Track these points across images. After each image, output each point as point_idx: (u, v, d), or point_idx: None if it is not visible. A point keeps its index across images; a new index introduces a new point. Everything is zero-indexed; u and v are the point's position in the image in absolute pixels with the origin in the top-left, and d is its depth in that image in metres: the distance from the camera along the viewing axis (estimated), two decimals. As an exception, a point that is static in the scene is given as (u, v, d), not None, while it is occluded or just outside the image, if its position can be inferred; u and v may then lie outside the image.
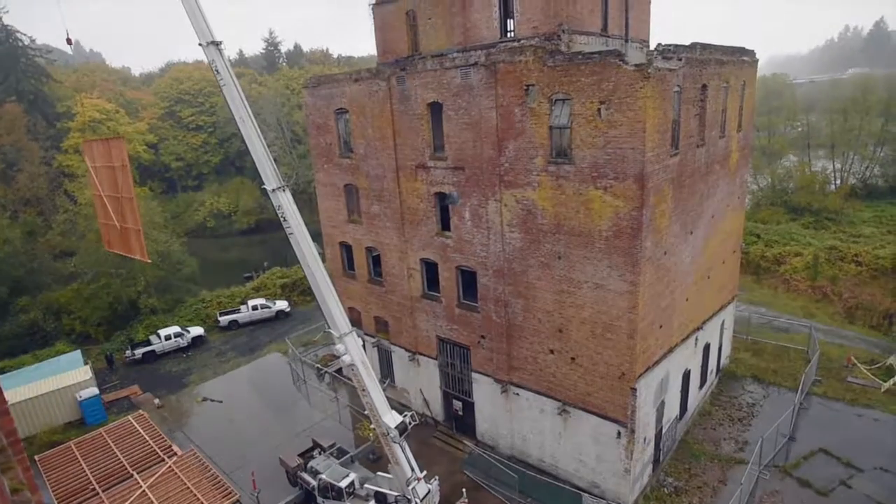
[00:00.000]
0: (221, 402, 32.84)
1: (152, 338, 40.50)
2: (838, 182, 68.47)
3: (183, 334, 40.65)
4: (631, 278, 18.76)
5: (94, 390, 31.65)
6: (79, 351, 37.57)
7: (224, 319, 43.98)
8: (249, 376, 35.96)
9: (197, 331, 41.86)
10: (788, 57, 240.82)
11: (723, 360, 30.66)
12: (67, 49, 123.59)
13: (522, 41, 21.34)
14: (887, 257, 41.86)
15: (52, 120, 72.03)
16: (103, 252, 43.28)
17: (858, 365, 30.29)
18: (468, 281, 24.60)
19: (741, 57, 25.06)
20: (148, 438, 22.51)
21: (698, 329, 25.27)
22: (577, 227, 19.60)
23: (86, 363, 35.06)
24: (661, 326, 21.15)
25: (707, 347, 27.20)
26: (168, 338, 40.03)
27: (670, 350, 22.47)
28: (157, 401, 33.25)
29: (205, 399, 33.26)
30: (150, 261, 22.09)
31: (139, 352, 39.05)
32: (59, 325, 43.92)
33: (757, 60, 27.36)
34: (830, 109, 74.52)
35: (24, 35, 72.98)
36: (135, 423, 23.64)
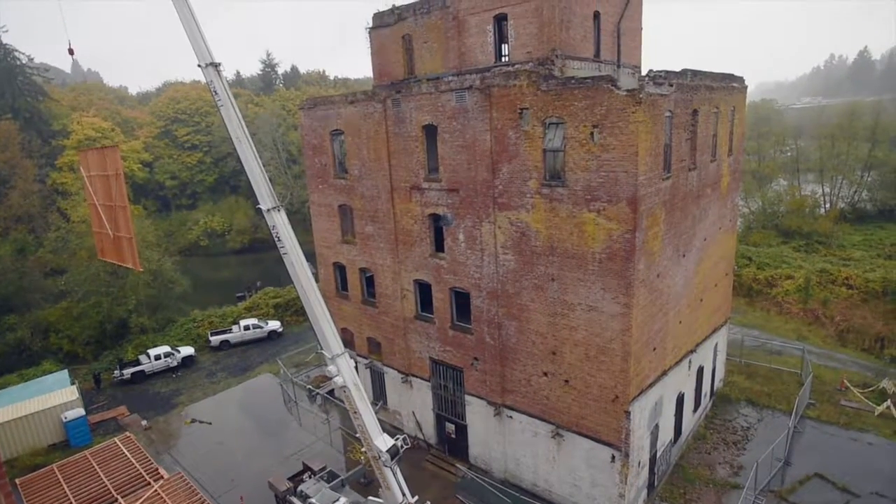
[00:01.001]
0: (210, 423, 32.30)
1: (142, 357, 39.96)
2: (828, 206, 69.41)
3: (173, 354, 40.16)
4: (624, 301, 18.79)
5: (80, 411, 31.06)
6: (66, 370, 36.97)
7: (215, 339, 43.51)
8: (240, 397, 35.46)
9: (187, 351, 41.38)
10: (777, 83, 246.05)
11: (716, 383, 30.58)
12: (66, 68, 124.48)
13: (517, 66, 21.72)
14: (877, 280, 42.19)
15: (48, 137, 72.17)
16: (94, 270, 43.20)
17: (852, 388, 30.29)
18: (462, 302, 24.55)
19: (731, 83, 25.55)
20: (134, 461, 22.04)
21: (692, 352, 25.25)
22: (570, 250, 19.68)
23: (72, 383, 34.48)
24: (654, 349, 21.13)
25: (701, 370, 27.14)
26: (158, 357, 39.51)
27: (664, 373, 22.41)
28: (144, 422, 32.66)
29: (193, 420, 32.71)
30: (141, 269, 22.17)
31: (128, 372, 38.48)
32: (46, 344, 43.29)
33: (746, 87, 27.90)
34: (819, 135, 75.95)
35: (23, 54, 73.65)
36: (121, 446, 23.18)
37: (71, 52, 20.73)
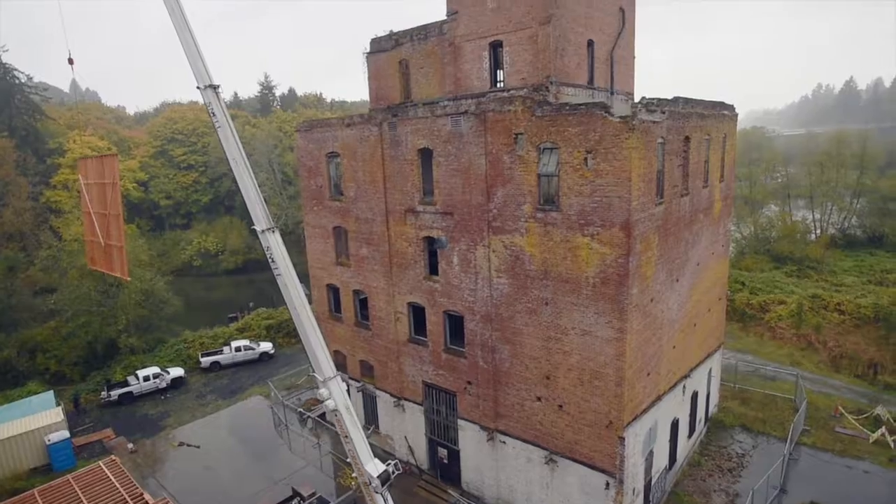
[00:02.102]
0: (199, 447, 31.68)
1: (130, 379, 39.35)
2: (818, 232, 70.15)
3: (162, 375, 39.58)
4: (618, 325, 18.78)
5: (65, 433, 30.42)
6: (51, 392, 36.31)
7: (206, 360, 42.98)
8: (229, 420, 34.88)
9: (177, 372, 40.81)
10: (766, 111, 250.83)
11: (711, 409, 30.40)
12: (65, 87, 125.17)
13: (512, 91, 22.05)
14: (869, 306, 42.43)
15: (43, 156, 72.23)
16: (85, 289, 42.82)
17: (846, 415, 30.19)
18: (455, 326, 24.44)
19: (721, 111, 26.01)
20: (118, 486, 21.51)
21: (686, 377, 25.17)
22: (564, 274, 19.72)
23: (58, 404, 33.85)
24: (648, 374, 21.04)
25: (695, 396, 27.01)
26: (147, 379, 38.92)
27: (658, 398, 22.28)
28: (130, 445, 32.00)
29: (181, 444, 32.08)
30: (129, 279, 22.29)
31: (115, 393, 37.83)
32: (32, 364, 42.62)
33: (736, 114, 28.39)
34: (808, 162, 77.21)
35: (22, 73, 74.12)
36: (105, 470, 22.63)
37: (70, 61, 20.81)
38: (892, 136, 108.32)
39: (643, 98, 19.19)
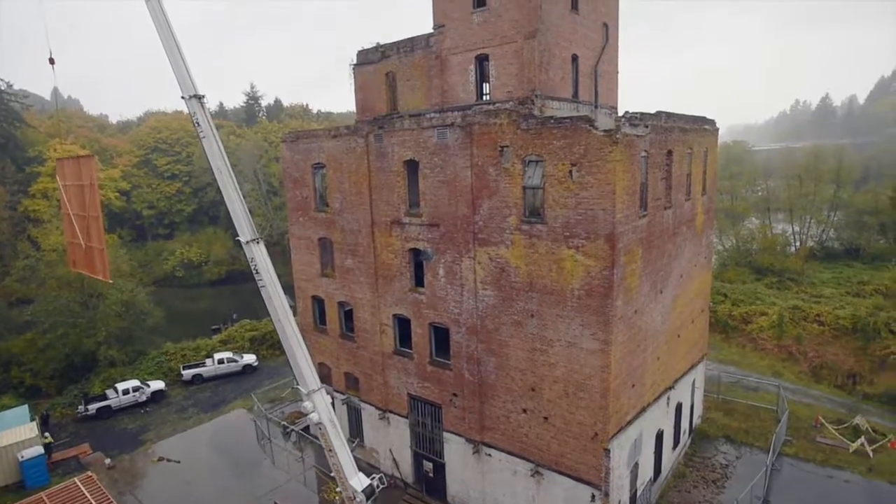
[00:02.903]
0: (179, 462, 31.04)
1: (109, 392, 38.53)
2: (798, 244, 71.48)
3: (142, 388, 38.84)
4: (603, 337, 18.87)
5: (39, 449, 29.60)
6: (26, 406, 35.37)
7: (187, 373, 42.27)
8: (211, 434, 34.25)
9: (157, 385, 40.09)
10: (746, 126, 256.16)
11: (695, 420, 30.60)
12: (46, 94, 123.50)
13: (497, 104, 22.25)
14: (847, 318, 43.21)
15: (22, 164, 70.98)
16: (64, 300, 41.96)
17: (827, 425, 30.58)
18: (441, 338, 24.37)
19: (703, 125, 26.49)
20: (94, 503, 20.97)
21: (670, 388, 25.33)
22: (549, 286, 19.81)
23: (33, 419, 32.97)
24: (633, 386, 21.14)
25: (679, 407, 27.18)
26: (126, 392, 38.15)
27: (643, 410, 22.37)
28: (108, 461, 31.24)
29: (161, 459, 31.40)
30: (111, 280, 22.42)
31: (93, 407, 37.00)
32: (7, 377, 41.52)
33: (717, 129, 28.94)
34: (787, 175, 78.87)
35: (2, 80, 73.03)
36: (81, 486, 22.08)
37: (52, 61, 20.60)
38: (865, 150, 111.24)
39: (626, 112, 19.49)
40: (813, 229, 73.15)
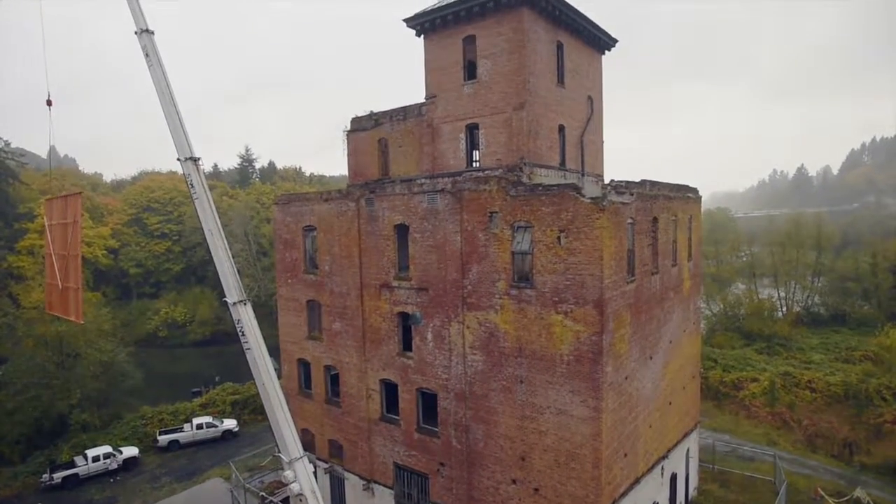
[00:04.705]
0: (147, 537, 29.11)
1: (77, 459, 36.51)
2: (785, 309, 72.00)
3: (113, 455, 36.92)
4: (593, 404, 18.52)
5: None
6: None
7: (164, 439, 40.43)
8: (184, 506, 32.36)
9: (131, 451, 38.19)
10: (727, 193, 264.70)
11: (691, 492, 29.55)
12: (42, 153, 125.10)
13: (487, 171, 22.87)
14: (838, 384, 42.91)
15: (11, 220, 70.74)
16: (39, 360, 40.60)
17: (827, 498, 29.64)
18: (428, 404, 23.77)
19: (686, 193, 27.29)
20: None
21: (664, 458, 24.63)
22: (538, 351, 19.62)
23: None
24: (625, 455, 20.54)
25: (674, 478, 26.32)
26: (96, 459, 36.19)
27: (637, 481, 21.63)
28: (71, 536, 29.24)
29: (128, 534, 29.45)
30: (83, 321, 22.08)
31: (59, 476, 34.94)
32: (-32, 443, 39.37)
33: (700, 196, 29.80)
34: (770, 242, 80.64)
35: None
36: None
37: (49, 103, 21.06)
38: (842, 218, 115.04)
39: (612, 180, 20.08)
40: (798, 295, 73.99)
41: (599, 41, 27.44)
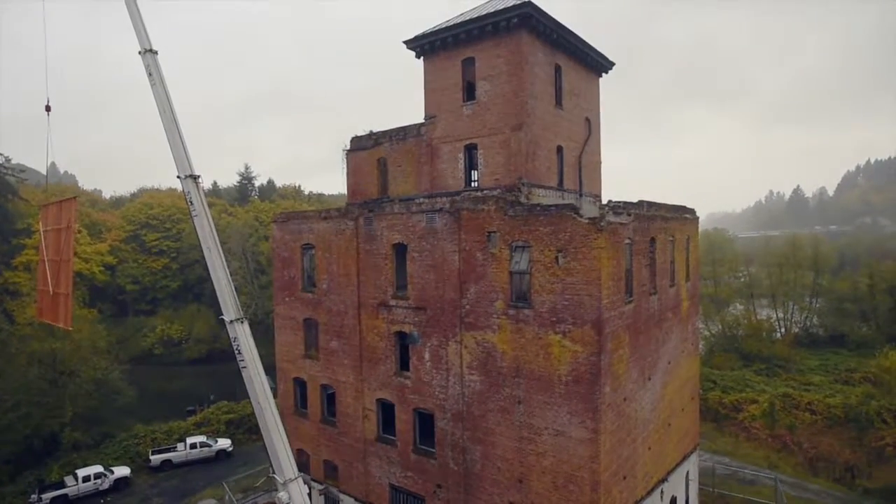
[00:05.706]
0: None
1: (67, 479, 35.92)
2: (783, 330, 71.84)
3: (104, 476, 36.35)
4: (592, 425, 18.35)
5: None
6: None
7: (156, 459, 39.84)
8: (175, 529, 31.79)
9: (122, 471, 37.60)
10: (725, 214, 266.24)
11: (691, 517, 29.11)
12: (42, 169, 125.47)
13: (485, 191, 22.99)
14: (839, 406, 42.61)
15: (9, 236, 70.64)
16: (31, 377, 40.17)
17: (827, 524, 29.22)
18: (425, 424, 23.52)
19: (683, 214, 27.42)
20: None
21: (664, 480, 24.31)
22: (536, 372, 19.50)
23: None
24: (625, 477, 20.28)
25: (674, 501, 25.94)
26: (86, 479, 35.62)
27: (636, 505, 21.33)
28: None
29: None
30: (71, 328, 21.89)
31: (47, 497, 34.30)
32: (-44, 462, 38.78)
33: (697, 217, 29.94)
34: (767, 262, 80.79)
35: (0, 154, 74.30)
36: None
37: (48, 108, 21.07)
38: (839, 238, 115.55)
39: (610, 201, 20.19)
40: (796, 315, 73.89)
41: (597, 64, 27.84)
